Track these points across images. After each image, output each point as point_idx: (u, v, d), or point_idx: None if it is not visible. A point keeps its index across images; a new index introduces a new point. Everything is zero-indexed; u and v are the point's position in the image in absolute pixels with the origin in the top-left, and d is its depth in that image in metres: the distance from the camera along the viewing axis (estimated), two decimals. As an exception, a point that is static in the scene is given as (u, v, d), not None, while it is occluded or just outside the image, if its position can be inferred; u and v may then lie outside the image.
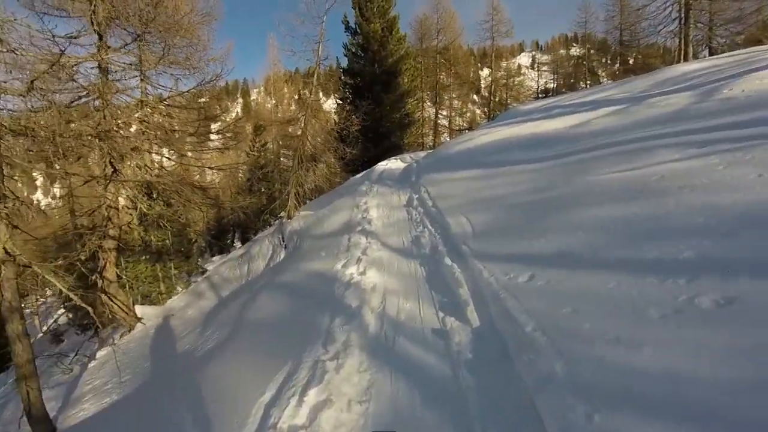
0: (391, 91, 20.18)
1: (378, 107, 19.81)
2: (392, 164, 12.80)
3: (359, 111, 18.38)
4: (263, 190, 18.08)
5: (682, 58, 14.14)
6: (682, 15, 13.84)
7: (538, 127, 8.77)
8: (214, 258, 22.64)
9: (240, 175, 24.24)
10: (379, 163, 13.57)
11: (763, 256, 2.50)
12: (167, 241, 14.10)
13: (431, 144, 24.97)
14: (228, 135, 11.42)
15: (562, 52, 50.75)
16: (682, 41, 14.08)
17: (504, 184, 6.06)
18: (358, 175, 13.38)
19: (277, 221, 10.62)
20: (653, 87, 8.73)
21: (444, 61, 26.72)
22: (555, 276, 3.11)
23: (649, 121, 6.46)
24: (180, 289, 14.16)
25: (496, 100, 30.23)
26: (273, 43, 26.90)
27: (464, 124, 31.13)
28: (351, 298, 3.75)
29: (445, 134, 28.09)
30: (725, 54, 10.80)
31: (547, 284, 3.05)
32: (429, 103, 27.54)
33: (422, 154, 14.15)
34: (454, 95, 28.84)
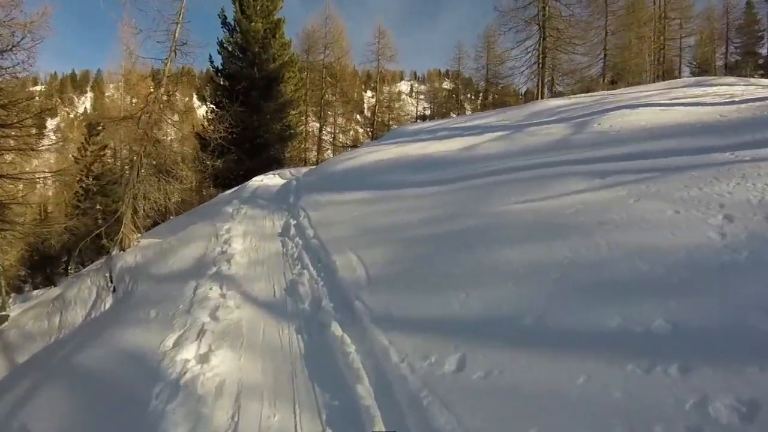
0: (272, 99, 18.28)
1: (256, 115, 17.70)
2: (269, 180, 11.05)
3: (232, 117, 16.05)
4: (98, 206, 14.04)
5: (539, 96, 16.06)
6: (540, 60, 15.75)
7: (427, 148, 8.31)
8: (36, 292, 16.87)
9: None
10: (255, 178, 11.65)
11: (744, 323, 1.92)
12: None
13: (314, 159, 23.72)
14: (31, 131, 8.12)
15: (437, 84, 55.64)
16: (540, 82, 16.03)
17: (399, 210, 5.12)
18: (228, 192, 11.22)
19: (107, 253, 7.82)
20: (528, 117, 9.15)
21: (330, 78, 26.01)
22: (495, 360, 2.11)
23: (535, 148, 6.41)
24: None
25: (379, 120, 30.78)
26: (128, 25, 22.15)
27: (348, 142, 30.84)
28: (177, 418, 2.14)
29: (329, 150, 27.22)
30: (582, 94, 12.37)
31: (487, 378, 2.02)
32: (313, 118, 26.42)
33: (304, 170, 12.75)
34: (339, 111, 28.27)
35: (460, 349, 2.26)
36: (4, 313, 12.95)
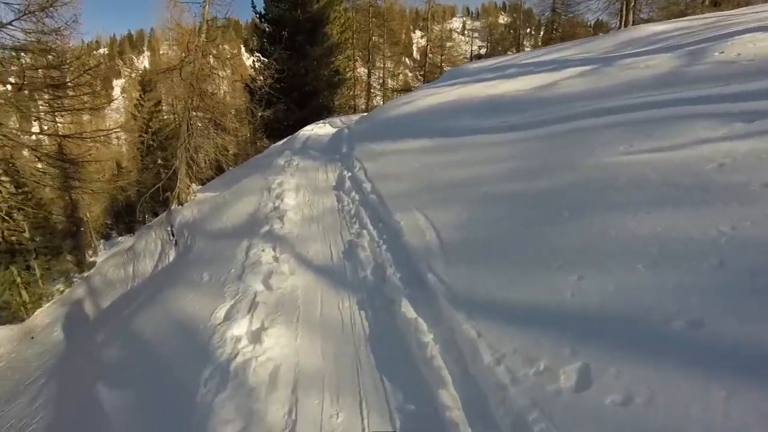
0: (318, 43, 17.31)
1: (303, 61, 16.96)
2: (320, 129, 10.57)
3: (277, 63, 15.45)
4: (159, 161, 14.54)
5: (623, 24, 13.57)
6: (626, -21, 13.09)
7: (495, 87, 7.23)
8: (120, 239, 18.79)
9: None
10: (305, 128, 11.24)
11: None
12: (25, 235, 10.69)
13: (364, 106, 22.81)
14: (85, 90, 8.14)
15: (492, 19, 50.21)
16: (624, 7, 13.44)
17: (470, 161, 4.40)
18: (279, 143, 10.96)
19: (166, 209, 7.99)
20: (618, 47, 7.58)
21: (375, 19, 24.12)
22: (636, 379, 1.52)
23: (636, 84, 5.18)
24: (59, 291, 11.00)
25: (431, 62, 28.69)
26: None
27: (398, 86, 29.31)
28: (226, 414, 1.86)
29: (378, 96, 26.05)
30: (687, 18, 10.18)
31: (627, 406, 1.45)
32: (360, 63, 25.09)
33: (355, 117, 12.07)
34: (387, 54, 26.50)
35: (580, 355, 1.69)
36: (92, 259, 14.43)
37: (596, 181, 2.94)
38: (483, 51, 44.91)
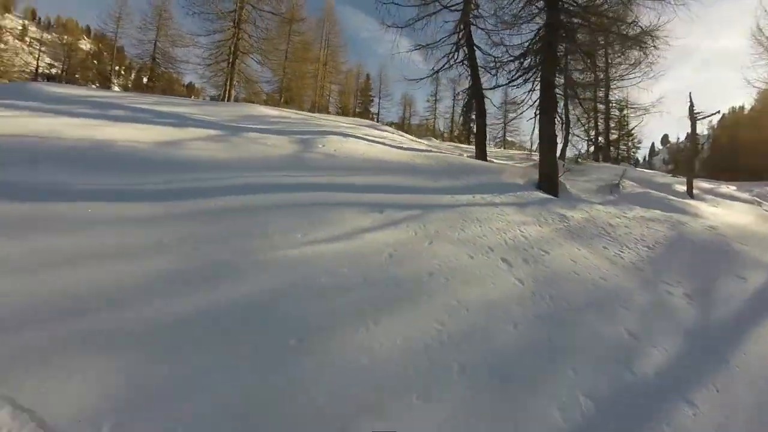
0: None
1: None
2: None
3: None
4: None
5: (227, 96, 14.79)
6: (231, 60, 14.45)
7: (99, 130, 5.30)
8: None
9: None
10: None
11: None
12: None
13: None
14: None
15: (71, 39, 41.03)
16: (229, 82, 14.68)
17: (93, 251, 2.53)
18: None
19: None
20: (241, 120, 7.86)
21: None
22: None
23: (271, 162, 5.32)
24: None
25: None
26: None
27: None
28: None
29: None
30: (288, 109, 12.21)
31: None
32: None
33: None
34: None
35: None
36: None
37: (298, 283, 2.38)
38: (54, 71, 35.78)
